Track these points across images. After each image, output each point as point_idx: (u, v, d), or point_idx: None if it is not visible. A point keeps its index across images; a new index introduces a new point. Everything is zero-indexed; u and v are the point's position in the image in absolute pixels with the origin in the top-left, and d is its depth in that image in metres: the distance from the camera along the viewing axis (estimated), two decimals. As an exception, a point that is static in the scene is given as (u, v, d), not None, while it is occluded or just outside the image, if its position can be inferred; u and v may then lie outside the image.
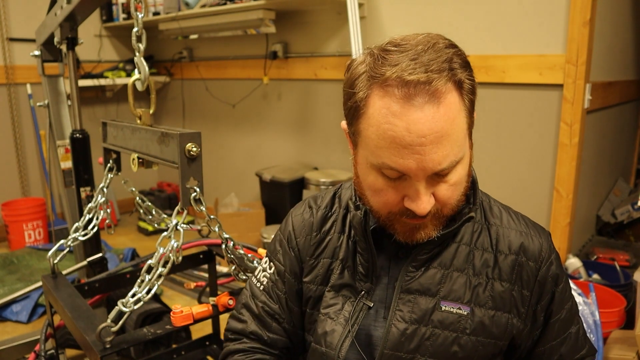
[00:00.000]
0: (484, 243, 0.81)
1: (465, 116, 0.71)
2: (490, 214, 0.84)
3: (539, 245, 0.81)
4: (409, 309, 0.79)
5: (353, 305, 0.83)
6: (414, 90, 0.66)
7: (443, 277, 0.79)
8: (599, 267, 2.23)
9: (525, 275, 0.80)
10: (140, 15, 1.15)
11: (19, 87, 3.45)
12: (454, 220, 0.78)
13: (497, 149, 2.33)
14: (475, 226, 0.82)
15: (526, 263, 0.80)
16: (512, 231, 0.82)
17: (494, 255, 0.81)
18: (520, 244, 0.81)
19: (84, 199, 1.80)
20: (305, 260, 0.90)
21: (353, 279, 0.84)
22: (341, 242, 0.87)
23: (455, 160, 0.70)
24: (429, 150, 0.67)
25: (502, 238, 0.81)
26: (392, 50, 0.69)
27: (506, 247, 0.81)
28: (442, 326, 0.78)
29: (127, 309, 1.04)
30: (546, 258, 0.81)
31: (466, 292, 0.79)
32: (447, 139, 0.67)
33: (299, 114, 3.21)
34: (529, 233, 0.82)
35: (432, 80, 0.65)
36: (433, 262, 0.80)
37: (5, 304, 2.40)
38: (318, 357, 0.84)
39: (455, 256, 0.80)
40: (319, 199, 0.95)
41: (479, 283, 0.79)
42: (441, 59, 0.67)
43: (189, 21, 3.24)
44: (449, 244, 0.81)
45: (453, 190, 0.73)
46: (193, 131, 1.05)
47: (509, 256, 0.80)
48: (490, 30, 2.27)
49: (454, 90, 0.68)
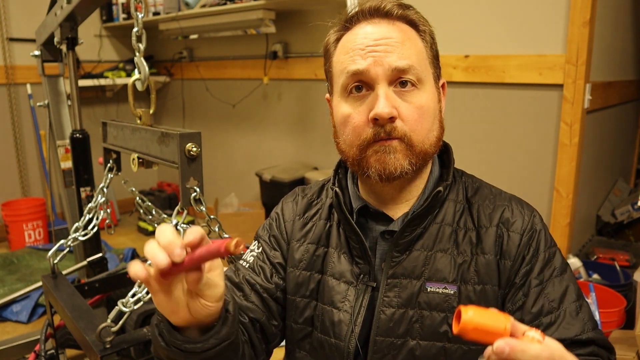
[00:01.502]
0: (466, 222, 0.82)
1: (425, 48, 0.81)
2: (473, 194, 0.85)
3: (520, 217, 0.81)
4: (395, 294, 0.80)
5: (356, 290, 0.83)
6: (370, 13, 0.79)
7: (427, 259, 0.80)
8: (599, 267, 2.23)
9: (506, 246, 0.80)
10: (140, 15, 1.15)
11: (19, 87, 3.45)
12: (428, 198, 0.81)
13: (497, 148, 2.33)
14: (457, 206, 0.83)
15: (506, 233, 0.80)
16: (493, 205, 0.83)
17: (476, 232, 0.81)
18: (500, 216, 0.82)
19: (84, 199, 1.80)
20: (291, 243, 0.91)
21: (351, 264, 0.84)
22: (330, 230, 0.88)
23: (412, 69, 0.76)
24: (384, 50, 0.76)
25: (482, 213, 0.82)
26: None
27: (487, 221, 0.82)
28: (429, 307, 0.79)
29: (127, 309, 1.04)
30: (527, 229, 0.80)
31: (451, 271, 0.79)
32: (401, 46, 0.77)
33: (299, 114, 3.21)
34: (511, 206, 0.83)
35: (386, 5, 0.79)
36: (416, 245, 0.81)
37: (5, 304, 2.40)
38: (328, 349, 0.83)
39: (437, 237, 0.81)
40: (308, 188, 0.98)
41: (464, 261, 0.80)
42: (395, 2, 0.80)
43: (189, 21, 3.24)
44: (430, 225, 0.82)
45: (419, 115, 0.77)
46: (193, 131, 1.05)
47: (490, 228, 0.81)
48: (490, 30, 2.27)
49: (409, 26, 0.80)
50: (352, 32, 0.80)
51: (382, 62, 0.76)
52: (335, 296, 0.84)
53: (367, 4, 0.80)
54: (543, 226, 0.82)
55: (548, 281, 0.78)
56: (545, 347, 0.52)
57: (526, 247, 0.79)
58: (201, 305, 0.62)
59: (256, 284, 0.88)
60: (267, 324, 0.87)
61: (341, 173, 0.91)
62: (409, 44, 0.78)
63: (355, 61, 0.77)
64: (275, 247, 0.92)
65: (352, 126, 0.79)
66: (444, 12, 2.38)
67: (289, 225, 0.92)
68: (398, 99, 0.77)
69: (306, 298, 0.87)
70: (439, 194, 0.80)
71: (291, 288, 0.88)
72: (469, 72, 2.33)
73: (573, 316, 0.77)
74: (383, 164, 0.77)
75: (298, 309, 0.88)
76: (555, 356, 0.52)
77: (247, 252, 0.96)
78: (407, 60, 0.76)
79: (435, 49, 0.84)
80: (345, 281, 0.84)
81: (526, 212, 0.82)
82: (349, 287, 0.83)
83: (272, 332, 0.89)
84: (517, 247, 0.79)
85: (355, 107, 0.79)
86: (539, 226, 0.81)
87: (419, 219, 0.80)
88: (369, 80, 0.77)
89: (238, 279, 0.89)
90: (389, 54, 0.76)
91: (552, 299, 0.77)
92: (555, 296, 0.78)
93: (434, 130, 0.80)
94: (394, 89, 0.77)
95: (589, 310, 0.79)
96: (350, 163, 0.83)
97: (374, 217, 0.85)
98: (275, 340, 0.90)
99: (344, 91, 0.80)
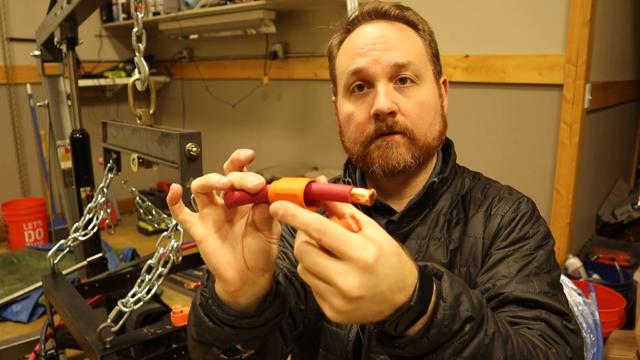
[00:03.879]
0: (459, 212, 0.83)
1: (424, 45, 0.82)
2: (470, 188, 0.86)
3: (506, 201, 0.82)
4: None
5: None
6: (370, 15, 0.82)
7: (420, 247, 0.81)
8: (599, 267, 2.23)
9: (489, 226, 0.80)
10: (140, 15, 1.15)
11: (19, 87, 3.45)
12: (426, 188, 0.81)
13: (497, 148, 2.33)
14: (453, 198, 0.84)
15: (492, 217, 0.81)
16: (484, 196, 0.84)
17: (465, 219, 0.82)
18: (489, 203, 0.82)
19: (84, 199, 1.80)
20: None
21: None
22: None
23: (411, 65, 0.78)
24: (382, 48, 0.78)
25: (473, 204, 0.83)
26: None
27: (476, 208, 0.83)
28: None
29: (127, 309, 1.04)
30: (511, 211, 0.80)
31: (444, 257, 0.80)
32: (400, 43, 0.78)
33: (299, 114, 3.21)
34: (499, 194, 0.84)
35: (384, 6, 0.81)
36: (411, 234, 0.82)
37: (5, 304, 2.40)
38: (329, 336, 0.84)
39: (432, 225, 0.82)
40: None
41: (455, 247, 0.80)
42: (394, 4, 0.83)
43: (189, 21, 3.24)
44: (427, 215, 0.82)
45: (420, 110, 0.79)
46: (193, 131, 1.05)
47: (478, 214, 0.82)
48: (490, 30, 2.27)
49: (407, 26, 0.82)
50: (353, 34, 0.83)
51: (381, 60, 0.78)
52: None
53: (366, 7, 0.83)
54: (531, 209, 0.81)
55: (516, 251, 0.76)
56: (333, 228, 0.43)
57: (506, 226, 0.79)
58: (262, 241, 0.55)
59: (283, 268, 0.85)
60: (296, 308, 0.85)
61: (350, 168, 0.92)
62: (408, 41, 0.80)
63: (355, 61, 0.79)
64: (293, 233, 0.92)
65: (355, 123, 0.81)
66: (444, 12, 2.38)
67: None
68: (398, 95, 0.79)
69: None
70: (433, 184, 0.81)
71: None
72: (469, 72, 2.33)
73: (522, 278, 0.72)
74: (386, 159, 0.79)
75: (307, 297, 0.87)
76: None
77: None
78: (406, 56, 0.78)
79: (435, 47, 0.86)
80: None
81: (513, 197, 0.83)
82: None
83: (300, 316, 0.86)
84: (497, 225, 0.79)
85: (357, 105, 0.81)
86: (523, 209, 0.80)
87: (415, 210, 0.82)
88: (369, 78, 0.79)
89: None
90: (387, 51, 0.78)
91: (510, 266, 0.74)
92: (517, 265, 0.74)
93: (436, 124, 0.82)
94: (394, 86, 0.79)
95: (548, 280, 0.73)
96: (355, 160, 0.84)
97: (380, 211, 0.86)
98: (300, 327, 0.87)
99: (346, 91, 0.82)
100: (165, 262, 1.07)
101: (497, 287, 0.72)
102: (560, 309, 0.69)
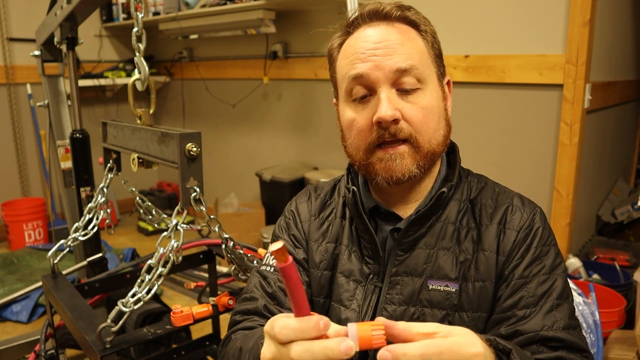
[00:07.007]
0: (469, 221, 0.82)
1: (426, 47, 0.81)
2: (477, 193, 0.85)
3: (520, 214, 0.81)
4: (397, 292, 0.80)
5: (364, 289, 0.83)
6: (370, 16, 0.80)
7: (429, 257, 0.80)
8: (599, 267, 2.23)
9: (503, 242, 0.79)
10: (140, 15, 1.15)
11: (19, 87, 3.45)
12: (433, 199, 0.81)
13: (497, 148, 2.33)
14: (461, 205, 0.83)
15: (505, 231, 0.80)
16: (495, 204, 0.83)
17: (477, 230, 0.81)
18: (501, 214, 0.81)
19: (84, 199, 1.80)
20: (310, 243, 0.90)
21: (361, 263, 0.84)
22: (344, 228, 0.88)
23: (414, 69, 0.76)
24: (384, 53, 0.76)
25: (484, 212, 0.82)
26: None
27: (488, 219, 0.81)
28: (430, 305, 0.79)
29: (127, 309, 1.04)
30: (525, 226, 0.79)
31: (453, 268, 0.79)
32: (402, 47, 0.77)
33: (299, 114, 3.21)
34: (512, 204, 0.82)
35: (385, 7, 0.79)
36: (419, 243, 0.81)
37: (5, 304, 2.40)
38: None
39: (440, 235, 0.81)
40: (320, 188, 0.98)
41: (465, 259, 0.79)
42: (395, 4, 0.81)
43: (189, 21, 3.24)
44: (434, 224, 0.82)
45: (424, 115, 0.77)
46: (193, 131, 1.05)
47: (491, 226, 0.81)
48: (490, 30, 2.27)
49: (409, 27, 0.80)
50: (353, 36, 0.81)
51: (383, 66, 0.76)
52: (344, 294, 0.84)
53: (366, 8, 0.81)
54: (543, 224, 0.81)
55: (534, 277, 0.77)
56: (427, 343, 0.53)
57: (521, 243, 0.79)
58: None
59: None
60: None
61: (353, 172, 0.91)
62: (410, 44, 0.78)
63: (356, 66, 0.78)
64: (297, 244, 0.92)
65: (357, 130, 0.80)
66: (444, 12, 2.38)
67: (306, 225, 0.92)
68: (401, 101, 0.77)
69: (325, 298, 0.87)
70: (442, 194, 0.80)
71: (314, 289, 0.88)
72: (469, 72, 2.33)
73: (545, 312, 0.74)
74: (390, 172, 0.78)
75: (316, 309, 0.88)
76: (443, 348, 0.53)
77: (268, 256, 0.94)
78: (408, 60, 0.76)
79: (438, 48, 0.84)
80: (354, 280, 0.84)
81: (526, 209, 0.82)
82: (357, 285, 0.83)
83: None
84: (512, 243, 0.79)
85: (358, 111, 0.79)
86: (537, 224, 0.81)
87: (423, 218, 0.81)
88: (371, 84, 0.77)
89: (271, 288, 0.87)
90: (389, 56, 0.76)
91: (532, 295, 0.76)
92: (537, 292, 0.76)
93: (440, 129, 0.81)
94: (396, 91, 0.77)
95: (568, 310, 0.76)
96: (357, 167, 0.83)
97: (384, 217, 0.85)
98: None
99: (347, 96, 0.81)
100: (165, 262, 1.07)
101: (519, 320, 0.74)
102: (580, 347, 0.74)
